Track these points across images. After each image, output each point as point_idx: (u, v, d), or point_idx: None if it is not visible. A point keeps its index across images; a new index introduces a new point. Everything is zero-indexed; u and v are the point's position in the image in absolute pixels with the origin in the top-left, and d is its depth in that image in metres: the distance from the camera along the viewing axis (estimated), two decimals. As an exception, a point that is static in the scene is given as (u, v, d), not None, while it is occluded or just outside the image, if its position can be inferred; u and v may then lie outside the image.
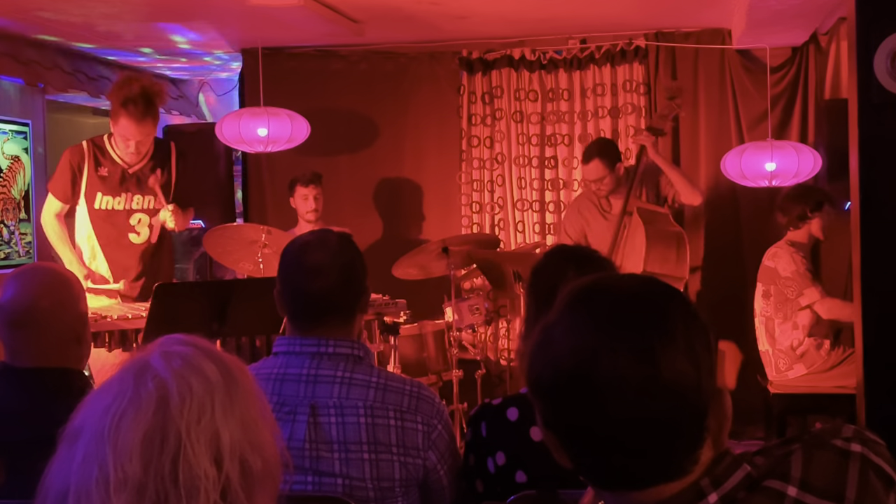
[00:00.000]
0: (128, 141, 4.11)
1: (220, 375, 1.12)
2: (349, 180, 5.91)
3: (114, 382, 1.11)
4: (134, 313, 3.73)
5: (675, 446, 1.03)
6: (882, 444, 1.08)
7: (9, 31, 5.12)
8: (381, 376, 2.03)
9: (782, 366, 4.43)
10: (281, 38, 5.71)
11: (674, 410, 1.02)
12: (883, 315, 2.93)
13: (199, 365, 1.12)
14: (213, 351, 1.16)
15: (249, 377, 1.17)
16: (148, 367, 1.11)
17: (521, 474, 2.01)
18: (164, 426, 1.07)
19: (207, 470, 1.06)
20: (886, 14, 2.85)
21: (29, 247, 5.69)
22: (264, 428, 1.15)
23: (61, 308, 2.17)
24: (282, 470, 1.17)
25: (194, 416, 1.08)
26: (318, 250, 2.08)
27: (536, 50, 5.72)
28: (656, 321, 1.04)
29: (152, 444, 1.06)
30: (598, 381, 1.01)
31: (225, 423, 1.09)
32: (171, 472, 1.05)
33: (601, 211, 4.84)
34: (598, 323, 1.04)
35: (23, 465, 1.20)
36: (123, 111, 4.02)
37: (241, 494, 1.09)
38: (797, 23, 4.84)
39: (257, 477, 1.11)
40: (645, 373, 1.01)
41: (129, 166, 4.20)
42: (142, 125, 4.07)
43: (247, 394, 1.15)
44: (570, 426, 1.05)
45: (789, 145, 4.94)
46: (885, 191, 2.93)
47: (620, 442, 1.02)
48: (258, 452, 1.12)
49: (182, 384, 1.09)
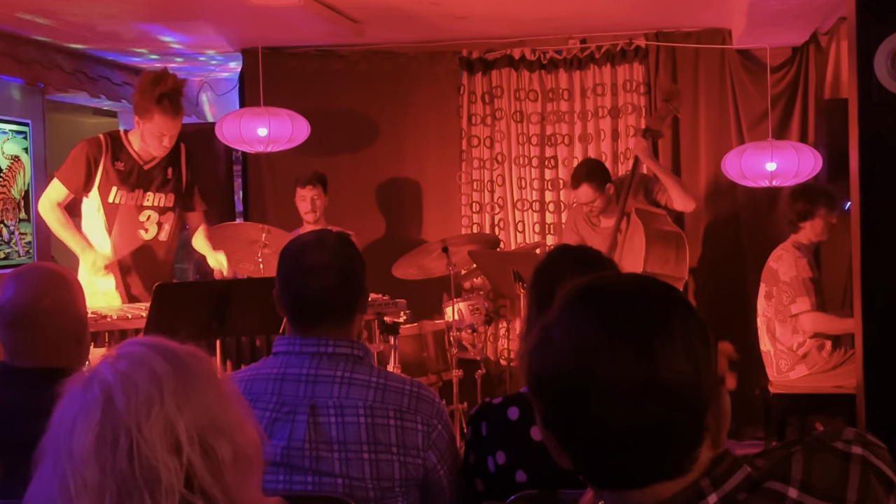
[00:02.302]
0: (162, 136, 4.14)
1: (169, 367, 1.14)
2: (349, 180, 5.91)
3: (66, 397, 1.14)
4: (134, 313, 3.73)
5: (674, 444, 1.03)
6: (883, 447, 1.08)
7: (9, 31, 5.12)
8: (380, 376, 2.03)
9: (784, 366, 4.43)
10: (281, 38, 5.71)
11: (672, 409, 1.02)
12: (883, 315, 2.93)
13: (145, 361, 1.14)
14: (166, 347, 1.18)
15: (208, 366, 1.19)
16: (94, 374, 1.14)
17: (521, 474, 2.01)
18: (114, 425, 1.09)
19: (166, 460, 1.09)
20: (886, 14, 2.84)
21: (29, 247, 5.69)
22: (230, 413, 1.17)
23: (61, 308, 2.17)
24: (261, 455, 1.19)
25: (143, 410, 1.10)
26: (317, 251, 2.08)
27: (536, 50, 5.72)
28: (655, 320, 1.04)
29: (105, 445, 1.08)
30: (598, 379, 1.01)
31: (178, 413, 1.11)
32: (128, 468, 1.08)
33: (590, 225, 4.86)
34: (598, 321, 1.05)
35: (22, 466, 1.20)
36: (158, 108, 4.05)
37: (208, 478, 1.11)
38: (797, 23, 4.84)
39: (227, 461, 1.13)
40: (644, 371, 1.01)
41: (144, 163, 4.22)
42: (176, 120, 4.14)
43: (205, 381, 1.16)
44: (569, 424, 1.05)
45: (789, 145, 4.94)
46: (885, 191, 2.92)
47: (620, 440, 1.02)
48: (225, 436, 1.13)
49: (126, 382, 1.12)
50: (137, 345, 1.18)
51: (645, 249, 4.48)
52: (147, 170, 4.24)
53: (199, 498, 1.10)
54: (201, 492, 1.10)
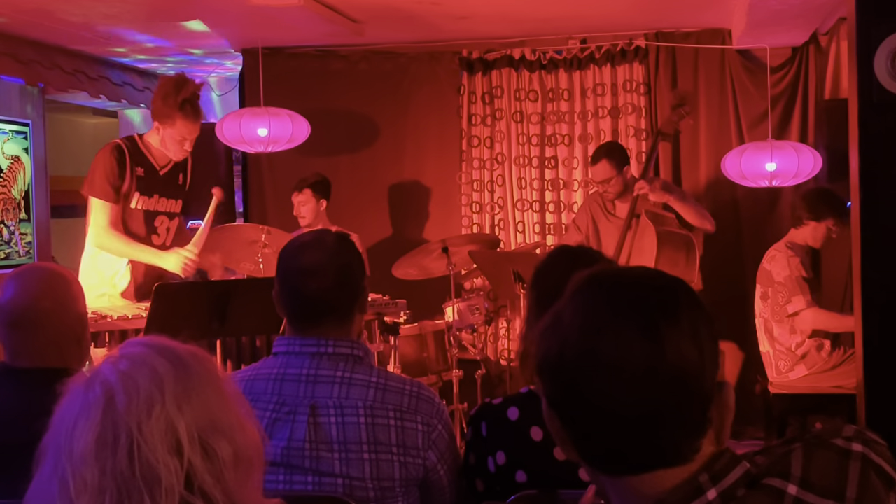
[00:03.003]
0: (184, 141, 4.14)
1: (170, 367, 1.14)
2: (349, 180, 5.91)
3: (68, 397, 1.14)
4: (134, 313, 3.73)
5: (677, 430, 1.03)
6: (883, 444, 1.08)
7: (9, 31, 5.12)
8: (380, 376, 2.03)
9: (783, 367, 4.43)
10: (281, 38, 5.71)
11: (677, 391, 1.02)
12: (883, 315, 2.93)
13: (146, 361, 1.14)
14: (168, 347, 1.18)
15: (210, 366, 1.19)
16: (96, 374, 1.14)
17: (521, 474, 2.01)
18: (115, 426, 1.09)
19: (166, 460, 1.08)
20: (886, 14, 2.85)
21: (29, 247, 5.69)
22: (231, 413, 1.17)
23: (61, 308, 2.17)
24: (262, 455, 1.19)
25: (144, 410, 1.10)
26: (315, 251, 2.08)
27: (536, 50, 5.72)
28: (663, 305, 1.05)
29: (105, 446, 1.08)
30: (604, 358, 1.02)
31: (179, 413, 1.11)
32: (128, 468, 1.08)
33: (605, 212, 4.85)
34: (606, 304, 1.06)
35: (22, 466, 1.20)
36: (181, 113, 4.05)
37: (208, 479, 1.11)
38: (797, 23, 4.84)
39: (228, 462, 1.13)
40: (650, 352, 1.02)
41: (160, 167, 4.21)
42: (197, 124, 4.14)
43: (206, 382, 1.16)
44: (574, 404, 1.05)
45: (789, 145, 4.94)
46: (885, 191, 2.92)
47: (622, 422, 1.03)
48: (225, 437, 1.13)
49: (128, 382, 1.11)
50: (139, 345, 1.18)
51: (656, 250, 4.47)
52: (163, 175, 4.23)
53: (198, 498, 1.10)
54: (201, 492, 1.10)
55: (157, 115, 4.12)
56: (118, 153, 4.07)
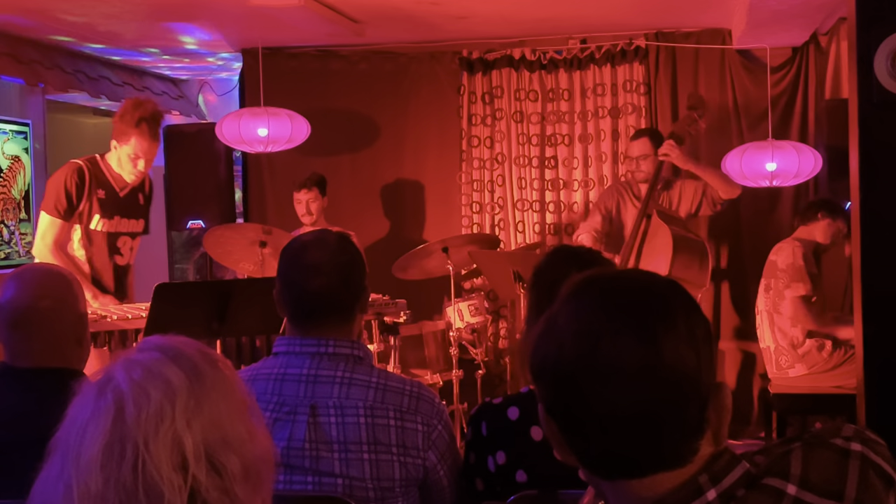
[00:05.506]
0: (138, 159, 4.16)
1: (184, 378, 1.13)
2: (349, 180, 5.91)
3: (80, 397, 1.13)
4: (134, 313, 3.73)
5: (674, 432, 1.03)
6: (882, 443, 1.08)
7: (9, 31, 5.12)
8: (380, 376, 2.03)
9: (783, 363, 4.44)
10: (281, 38, 5.71)
11: (674, 394, 1.02)
12: (883, 315, 2.93)
13: (161, 371, 1.13)
14: (183, 352, 1.16)
15: (224, 373, 1.18)
16: (110, 378, 1.13)
17: (521, 474, 2.01)
18: (122, 438, 1.08)
19: (170, 477, 1.07)
20: (886, 14, 2.84)
21: (29, 247, 5.69)
22: (242, 424, 1.15)
23: (61, 308, 2.17)
24: (272, 465, 1.18)
25: (152, 425, 1.08)
26: (317, 250, 2.07)
27: (536, 50, 5.72)
28: (659, 307, 1.05)
29: (111, 457, 1.07)
30: (601, 363, 1.02)
31: (187, 429, 1.10)
32: (132, 482, 1.07)
33: (631, 196, 4.91)
34: (602, 308, 1.05)
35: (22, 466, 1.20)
36: (137, 130, 4.11)
37: (213, 494, 1.09)
38: (797, 23, 4.84)
39: (236, 476, 1.11)
40: (647, 355, 1.01)
41: (119, 189, 4.24)
42: (153, 144, 4.19)
43: (219, 392, 1.15)
44: (570, 410, 1.05)
45: (789, 145, 4.94)
46: (885, 191, 2.92)
47: (620, 425, 1.02)
48: (234, 451, 1.12)
49: (139, 394, 1.10)
50: (156, 349, 1.16)
51: (672, 251, 4.48)
52: (123, 196, 4.28)
53: None
54: None
55: (115, 132, 4.20)
56: (79, 176, 4.13)
